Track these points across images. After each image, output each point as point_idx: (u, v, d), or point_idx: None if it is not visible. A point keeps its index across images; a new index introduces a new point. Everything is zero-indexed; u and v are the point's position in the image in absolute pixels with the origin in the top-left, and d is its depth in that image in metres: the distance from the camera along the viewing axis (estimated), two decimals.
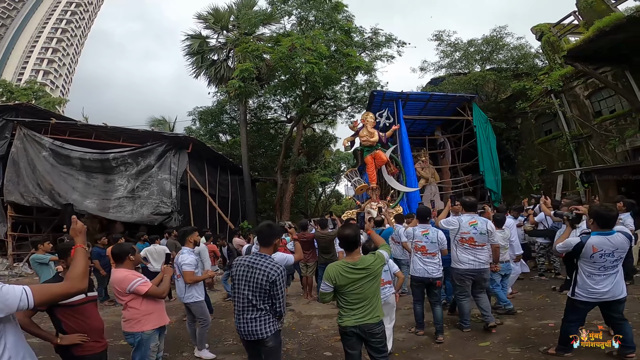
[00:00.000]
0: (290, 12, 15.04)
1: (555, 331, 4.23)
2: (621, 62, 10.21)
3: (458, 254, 4.37)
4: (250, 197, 17.31)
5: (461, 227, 4.32)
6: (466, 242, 4.30)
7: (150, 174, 11.94)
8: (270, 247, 2.72)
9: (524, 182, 14.51)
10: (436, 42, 16.89)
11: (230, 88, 14.76)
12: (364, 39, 15.48)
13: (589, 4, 11.16)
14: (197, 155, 13.80)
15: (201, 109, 20.47)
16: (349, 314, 2.71)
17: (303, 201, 26.56)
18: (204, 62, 17.81)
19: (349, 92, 18.16)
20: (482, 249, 4.31)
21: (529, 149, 14.53)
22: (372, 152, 11.20)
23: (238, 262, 2.72)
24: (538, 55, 15.51)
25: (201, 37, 18.01)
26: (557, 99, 12.62)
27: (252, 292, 2.56)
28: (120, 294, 3.06)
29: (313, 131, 23.08)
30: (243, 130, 17.33)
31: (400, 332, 4.85)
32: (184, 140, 12.88)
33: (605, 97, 11.45)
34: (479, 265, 4.29)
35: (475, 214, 4.47)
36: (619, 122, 10.81)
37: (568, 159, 12.51)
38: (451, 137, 16.37)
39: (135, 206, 11.50)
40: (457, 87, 15.21)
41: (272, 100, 19.55)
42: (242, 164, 17.19)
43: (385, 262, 2.91)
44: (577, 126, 12.09)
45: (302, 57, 12.10)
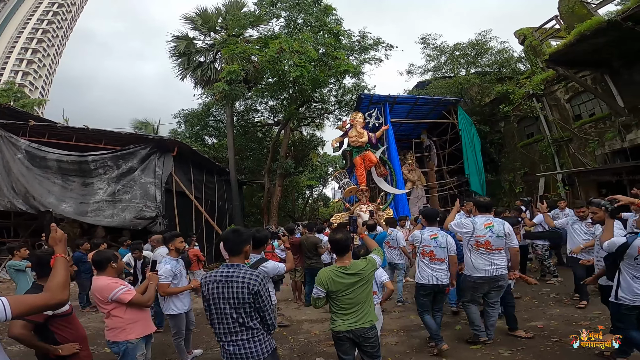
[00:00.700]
0: (278, 14, 14.99)
1: (544, 332, 4.30)
2: (601, 66, 10.45)
3: (473, 260, 3.92)
4: (238, 200, 17.10)
5: (476, 230, 3.88)
6: (482, 247, 3.86)
7: (133, 177, 11.63)
8: (240, 255, 2.37)
9: (507, 184, 14.82)
10: (422, 45, 17.18)
11: (215, 90, 14.58)
12: (352, 42, 15.55)
13: (570, 9, 11.37)
14: (183, 159, 13.53)
15: (187, 111, 20.17)
16: (342, 318, 2.69)
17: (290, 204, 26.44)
18: (190, 64, 17.54)
19: (336, 95, 18.22)
20: (500, 253, 3.88)
21: (512, 151, 14.86)
22: (361, 153, 11.03)
23: (207, 279, 2.31)
24: (521, 59, 15.89)
25: (188, 39, 17.75)
26: (539, 103, 12.93)
27: (236, 310, 2.19)
28: (102, 303, 2.92)
29: (301, 134, 23.05)
30: (230, 133, 17.14)
31: (393, 336, 4.84)
32: (169, 143, 12.60)
33: (585, 101, 11.77)
34: (496, 272, 3.85)
35: (491, 215, 4.07)
36: (598, 125, 11.12)
37: (549, 161, 12.82)
38: (437, 140, 16.63)
39: (116, 210, 11.18)
40: (443, 91, 15.46)
41: (260, 103, 19.43)
42: (229, 167, 16.98)
43: (377, 266, 2.88)
44: (558, 129, 12.42)
45: (291, 60, 12.04)
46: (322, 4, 14.47)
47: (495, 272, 3.84)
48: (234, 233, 2.43)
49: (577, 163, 11.65)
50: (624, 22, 7.75)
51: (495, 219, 4.02)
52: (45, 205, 10.70)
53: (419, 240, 4.19)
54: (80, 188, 11.40)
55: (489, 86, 15.21)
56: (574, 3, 11.21)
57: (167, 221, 11.75)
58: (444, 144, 16.13)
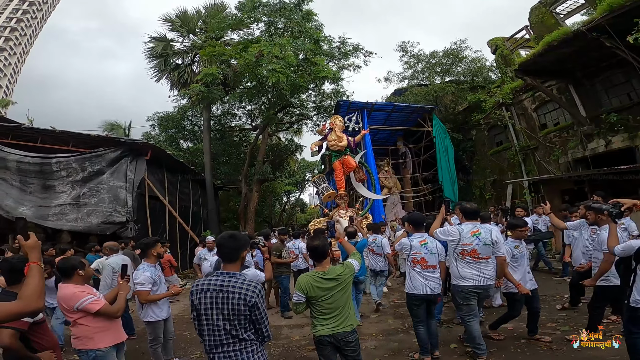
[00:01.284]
0: (259, 18, 14.93)
1: (515, 334, 4.45)
2: (566, 76, 10.82)
3: (460, 269, 3.78)
4: (213, 205, 16.76)
5: (462, 238, 3.72)
6: (468, 255, 3.73)
7: (100, 181, 11.21)
8: (237, 262, 2.24)
9: (478, 191, 15.35)
10: (401, 53, 17.62)
11: (191, 92, 14.31)
12: (332, 47, 15.71)
13: (540, 19, 11.79)
14: (157, 162, 13.17)
15: (161, 114, 19.63)
16: (323, 323, 2.74)
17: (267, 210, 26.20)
18: (167, 66, 17.13)
19: (315, 101, 18.32)
20: (487, 262, 3.74)
21: (483, 159, 15.41)
22: (340, 158, 10.82)
23: (199, 287, 2.17)
24: (492, 68, 16.45)
25: (166, 40, 17.35)
26: (508, 112, 13.41)
27: (230, 321, 2.08)
28: (68, 311, 2.80)
29: (279, 139, 22.98)
30: (206, 137, 16.83)
31: (372, 340, 4.88)
32: (142, 146, 12.23)
33: (551, 110, 12.28)
34: (484, 281, 3.71)
35: (478, 222, 3.90)
36: (562, 134, 11.64)
37: (517, 169, 13.31)
38: (412, 147, 17.04)
39: (81, 214, 10.71)
40: (419, 98, 15.83)
41: (238, 107, 19.23)
42: (205, 172, 16.65)
43: (355, 272, 2.93)
44: (525, 138, 12.94)
45: (269, 66, 12.00)
46: (303, 10, 14.55)
47: (484, 281, 3.71)
48: (231, 238, 2.28)
49: (543, 171, 12.22)
50: (588, 33, 7.98)
51: (483, 225, 3.88)
52: (2, 208, 10.08)
53: (408, 248, 3.98)
54: (41, 191, 10.82)
55: (463, 94, 15.65)
56: (543, 13, 11.73)
57: (140, 226, 11.41)
58: (419, 151, 16.53)
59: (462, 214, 3.95)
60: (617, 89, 10.06)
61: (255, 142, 19.06)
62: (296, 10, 14.44)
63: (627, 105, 9.60)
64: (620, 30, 7.32)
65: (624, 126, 9.48)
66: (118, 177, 11.45)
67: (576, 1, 11.32)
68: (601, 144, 10.20)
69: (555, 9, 11.65)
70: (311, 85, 15.49)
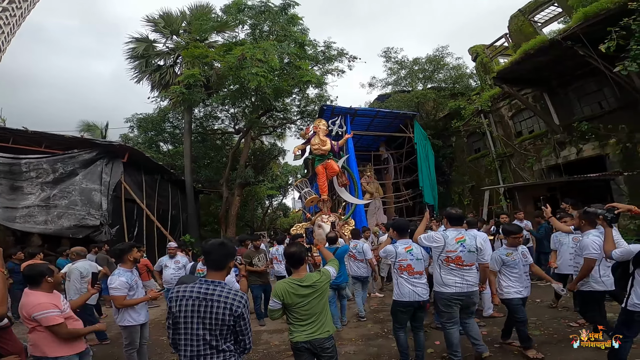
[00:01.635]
0: (245, 21, 14.85)
1: (488, 339, 4.48)
2: (541, 84, 11.10)
3: (443, 276, 3.72)
4: (193, 209, 16.43)
5: (447, 245, 3.66)
6: (452, 262, 3.66)
7: (73, 182, 10.85)
8: (223, 270, 2.18)
9: (457, 197, 15.66)
10: (385, 59, 17.86)
11: (172, 94, 14.06)
12: (317, 52, 15.77)
13: (519, 27, 12.03)
14: (135, 165, 12.84)
15: (141, 115, 19.15)
16: (299, 329, 2.76)
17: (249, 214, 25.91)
18: (148, 67, 16.76)
19: (299, 105, 18.32)
20: (470, 269, 3.70)
21: (461, 165, 15.72)
22: (323, 162, 10.74)
23: (180, 294, 2.08)
24: (473, 75, 16.82)
25: (148, 41, 17.00)
26: (486, 119, 13.72)
27: (211, 331, 2.01)
28: (26, 318, 2.68)
29: (261, 143, 22.83)
30: (187, 139, 16.52)
31: (351, 345, 4.87)
32: (119, 148, 11.91)
33: (526, 118, 12.60)
34: (467, 288, 3.67)
35: (462, 229, 3.87)
36: (536, 142, 11.99)
37: (494, 175, 13.60)
38: (394, 153, 17.25)
39: (50, 216, 10.31)
40: (401, 105, 16.04)
41: (220, 110, 18.99)
42: (185, 175, 16.33)
43: (332, 278, 2.97)
44: (502, 145, 13.27)
45: (252, 69, 11.92)
46: (288, 14, 14.56)
47: (467, 288, 3.66)
48: (221, 246, 2.21)
49: (518, 177, 12.55)
50: (564, 41, 8.21)
51: (468, 232, 3.85)
52: None
53: (393, 255, 3.89)
54: (8, 192, 10.35)
55: (443, 101, 15.89)
56: (522, 22, 12.04)
57: (116, 230, 11.08)
58: (401, 157, 16.75)
59: (447, 220, 3.88)
60: (589, 98, 10.38)
61: (237, 146, 18.85)
62: (281, 13, 14.42)
63: (598, 114, 9.92)
64: (594, 39, 7.55)
65: (595, 134, 9.85)
66: (92, 179, 11.12)
67: (554, 10, 11.64)
68: (573, 152, 10.59)
69: (534, 17, 11.96)
70: (295, 89, 15.49)
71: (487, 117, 13.76)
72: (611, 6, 7.23)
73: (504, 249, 4.19)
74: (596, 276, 3.92)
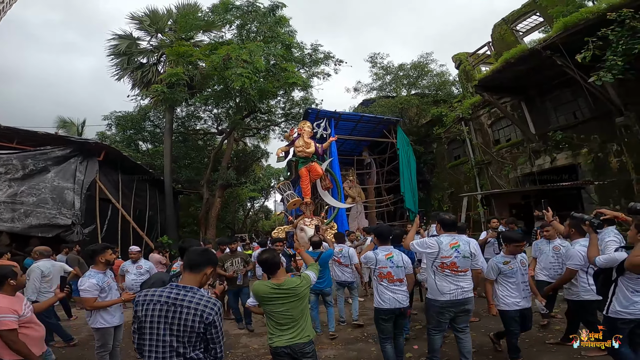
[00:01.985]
0: (232, 21, 14.67)
1: (482, 348, 4.43)
2: (520, 93, 11.38)
3: (437, 283, 3.57)
4: (172, 210, 16.02)
5: (441, 251, 3.54)
6: (447, 268, 3.53)
7: (43, 180, 10.40)
8: (198, 274, 2.06)
9: (436, 202, 15.94)
10: (370, 64, 18.03)
11: (152, 92, 13.72)
12: (303, 54, 15.75)
13: (501, 36, 12.37)
14: (111, 164, 12.45)
15: (120, 113, 18.57)
16: (278, 334, 2.75)
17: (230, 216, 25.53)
18: (130, 64, 16.28)
19: (284, 108, 18.24)
20: (465, 274, 3.58)
21: (442, 172, 16.04)
22: (307, 164, 10.56)
23: (147, 297, 1.98)
24: (455, 83, 17.17)
25: (131, 38, 16.53)
26: (467, 127, 14.02)
27: (178, 338, 1.90)
28: None
29: (245, 145, 22.57)
30: (168, 139, 16.13)
31: (331, 349, 4.84)
32: (95, 146, 11.53)
33: (504, 127, 12.95)
34: (462, 295, 3.52)
35: (456, 234, 3.73)
36: (513, 150, 12.35)
37: (472, 182, 13.91)
38: (377, 158, 17.42)
39: (17, 214, 9.83)
40: (385, 110, 16.23)
41: (203, 110, 18.66)
42: (164, 175, 15.92)
43: (312, 283, 2.96)
44: (481, 153, 13.63)
45: (237, 70, 11.77)
46: (276, 15, 14.49)
47: (461, 295, 3.52)
48: (203, 253, 2.18)
49: (495, 185, 12.88)
50: (543, 51, 8.46)
51: (461, 237, 3.70)
52: None
53: (373, 262, 3.82)
54: None
55: (426, 108, 16.15)
56: (505, 30, 12.38)
57: (91, 230, 10.70)
58: (383, 162, 16.92)
59: (441, 225, 3.74)
60: (564, 107, 10.74)
61: (220, 147, 18.56)
62: (269, 14, 14.34)
63: (573, 124, 10.30)
64: (572, 49, 7.78)
65: (568, 144, 10.23)
66: (65, 177, 10.72)
67: (535, 19, 11.99)
68: (547, 161, 10.99)
69: (516, 26, 12.32)
70: (280, 91, 15.41)
71: (468, 125, 14.07)
72: (590, 16, 7.48)
73: (502, 257, 4.01)
74: (585, 285, 3.86)
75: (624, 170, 8.85)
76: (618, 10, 6.86)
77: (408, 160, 14.65)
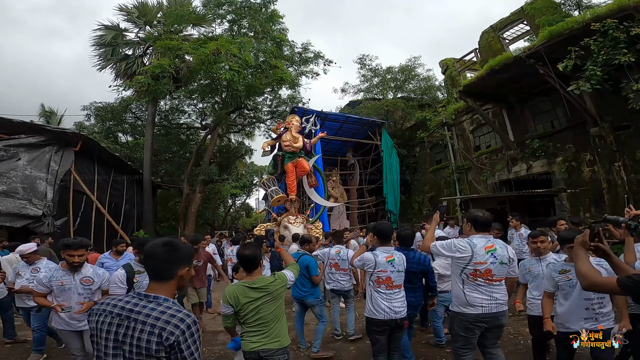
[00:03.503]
0: (224, 16, 14.45)
1: None
2: (502, 100, 11.60)
3: (467, 294, 2.98)
4: (150, 204, 15.63)
5: (475, 255, 2.93)
6: (480, 277, 2.95)
7: (14, 168, 10.00)
8: (169, 281, 1.56)
9: (417, 205, 16.19)
10: (359, 65, 18.13)
11: (135, 84, 13.36)
12: (293, 53, 15.72)
13: (488, 43, 12.57)
14: (87, 155, 12.05)
15: (100, 104, 18.00)
16: (250, 337, 2.59)
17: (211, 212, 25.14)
18: (114, 55, 15.76)
19: (270, 105, 18.13)
20: (500, 284, 3.01)
21: (423, 175, 16.24)
22: (294, 160, 10.28)
23: (103, 307, 1.54)
24: (441, 87, 17.49)
25: (118, 30, 16.01)
26: (449, 132, 14.26)
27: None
28: None
29: (229, 141, 22.28)
30: (149, 132, 15.73)
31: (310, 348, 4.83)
32: (71, 136, 11.12)
33: (485, 133, 13.21)
34: (495, 308, 2.96)
35: (491, 235, 3.14)
36: (492, 156, 12.63)
37: (452, 187, 14.17)
38: (361, 159, 17.56)
39: None
40: (371, 112, 16.36)
41: (188, 104, 18.31)
42: (144, 169, 15.52)
43: (287, 283, 2.74)
44: (461, 158, 13.89)
45: (226, 63, 11.60)
46: (269, 11, 14.39)
47: (496, 308, 2.96)
48: (166, 247, 1.57)
49: (473, 190, 13.11)
50: (527, 59, 8.58)
51: (497, 240, 3.10)
52: None
53: (372, 265, 3.33)
54: None
55: (411, 111, 16.37)
56: (492, 38, 12.58)
57: (63, 222, 10.30)
58: (367, 163, 17.07)
59: (472, 224, 3.12)
60: (543, 116, 11.04)
61: (203, 142, 18.26)
62: (261, 10, 14.23)
63: (550, 133, 10.59)
64: (554, 59, 7.95)
65: (544, 152, 10.55)
66: (38, 166, 10.32)
67: (522, 28, 12.27)
68: (523, 168, 11.32)
69: (504, 34, 12.60)
70: (268, 88, 15.31)
71: (450, 130, 14.35)
72: (575, 26, 7.65)
73: (561, 264, 3.14)
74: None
75: (596, 179, 9.21)
76: (602, 21, 7.02)
77: (391, 163, 14.82)
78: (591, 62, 7.10)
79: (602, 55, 6.97)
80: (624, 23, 6.89)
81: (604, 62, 6.95)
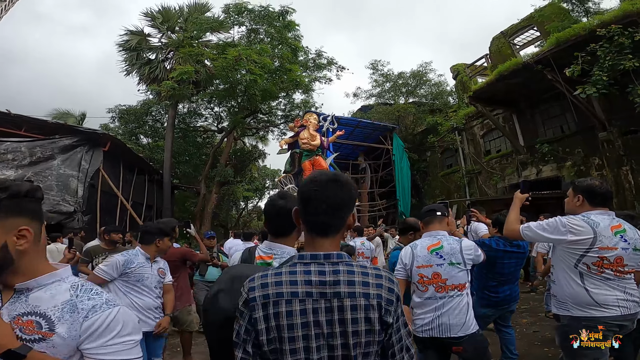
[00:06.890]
0: (242, 22, 15.15)
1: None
2: (512, 105, 11.84)
3: (592, 290, 2.11)
4: (169, 204, 16.27)
5: (598, 237, 2.08)
6: (609, 267, 2.10)
7: (50, 167, 10.66)
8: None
9: None
10: (372, 70, 18.53)
11: (163, 89, 14.10)
12: (307, 59, 16.30)
13: (499, 48, 12.86)
14: (114, 155, 12.73)
15: (124, 107, 18.89)
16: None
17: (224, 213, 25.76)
18: (138, 60, 16.63)
19: (284, 110, 18.69)
20: (631, 277, 2.17)
21: (434, 180, 16.51)
22: (311, 158, 10.13)
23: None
24: (452, 93, 17.70)
25: (142, 35, 16.89)
26: (460, 136, 14.56)
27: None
28: None
29: (243, 144, 22.91)
30: (169, 134, 16.42)
31: None
32: (102, 137, 11.83)
33: (495, 138, 13.46)
34: (634, 308, 2.12)
35: (613, 213, 2.21)
36: (502, 161, 12.87)
37: (462, 191, 14.42)
38: (372, 163, 17.86)
39: None
40: (383, 117, 16.69)
41: (205, 107, 19.04)
42: (164, 170, 16.19)
43: None
44: (472, 162, 14.18)
45: (247, 68, 12.22)
46: (286, 19, 15.04)
47: (635, 308, 2.13)
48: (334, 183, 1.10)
49: (483, 194, 13.32)
50: (535, 65, 8.89)
51: (622, 220, 2.23)
52: None
53: (409, 261, 2.45)
54: None
55: (422, 116, 16.66)
56: (502, 43, 12.79)
57: (89, 218, 10.94)
58: (378, 167, 17.37)
59: (585, 197, 2.23)
60: (552, 121, 11.26)
61: (219, 144, 18.89)
62: (279, 19, 14.87)
63: (559, 137, 10.81)
64: (562, 64, 8.24)
65: (554, 157, 10.76)
66: (71, 165, 10.99)
67: (532, 33, 12.52)
68: (533, 172, 11.52)
69: (514, 39, 12.85)
70: (282, 93, 15.87)
71: (461, 135, 14.60)
72: (582, 32, 7.95)
73: None
74: None
75: None
76: (607, 27, 7.28)
77: (402, 167, 15.09)
78: (598, 67, 7.35)
79: (608, 60, 7.23)
80: (629, 29, 7.15)
81: (610, 67, 7.21)
